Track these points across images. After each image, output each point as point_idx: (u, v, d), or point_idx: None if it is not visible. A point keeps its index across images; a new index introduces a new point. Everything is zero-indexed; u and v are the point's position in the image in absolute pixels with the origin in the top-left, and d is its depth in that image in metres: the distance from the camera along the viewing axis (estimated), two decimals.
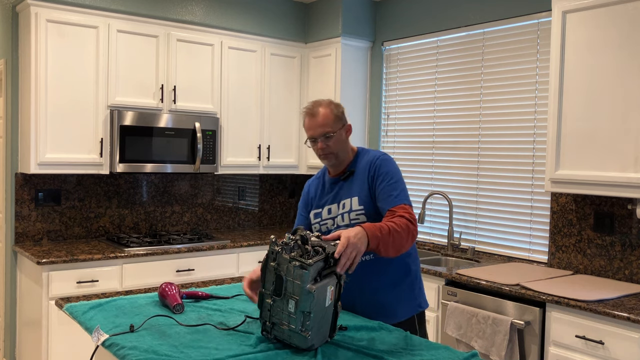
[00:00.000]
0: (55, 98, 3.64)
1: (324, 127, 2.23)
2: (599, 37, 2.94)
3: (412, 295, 2.30)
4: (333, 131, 2.23)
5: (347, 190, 2.28)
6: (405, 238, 2.03)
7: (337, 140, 2.25)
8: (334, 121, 2.24)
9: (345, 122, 2.31)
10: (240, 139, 4.45)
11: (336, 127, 2.25)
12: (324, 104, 2.27)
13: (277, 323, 1.79)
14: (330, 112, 2.24)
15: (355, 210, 2.23)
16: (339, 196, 2.30)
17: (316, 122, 2.23)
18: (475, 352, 1.79)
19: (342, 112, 2.30)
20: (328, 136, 2.23)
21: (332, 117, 2.24)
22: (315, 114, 2.24)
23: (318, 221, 2.34)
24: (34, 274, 3.53)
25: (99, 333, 1.90)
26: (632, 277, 3.12)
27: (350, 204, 2.25)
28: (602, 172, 2.92)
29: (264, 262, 1.82)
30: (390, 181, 2.19)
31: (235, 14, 4.40)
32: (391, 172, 2.22)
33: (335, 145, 2.25)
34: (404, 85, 4.49)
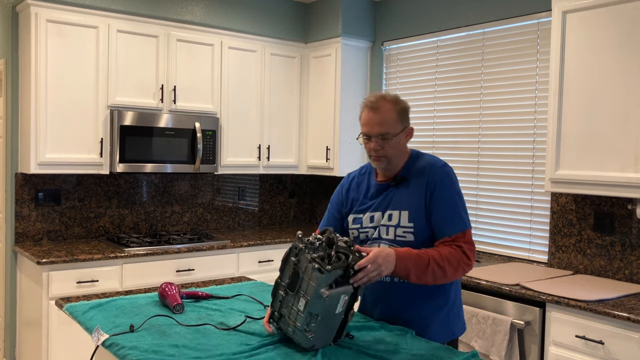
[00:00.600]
0: (55, 98, 3.64)
1: (382, 126, 1.98)
2: (599, 37, 2.94)
3: (447, 322, 2.08)
4: (393, 133, 1.99)
5: (397, 200, 2.03)
6: (450, 272, 1.89)
7: (395, 144, 2.00)
8: (395, 121, 2.00)
9: (408, 125, 2.06)
10: (240, 139, 4.45)
11: (397, 128, 2.00)
12: (389, 99, 2.02)
13: (285, 316, 1.79)
14: (393, 110, 2.00)
15: (404, 226, 2.00)
16: (385, 204, 2.05)
17: (376, 118, 1.98)
18: (475, 352, 1.79)
19: (406, 110, 2.05)
20: (385, 138, 1.98)
21: (394, 116, 2.00)
22: (377, 109, 1.99)
23: (357, 227, 2.11)
24: (34, 274, 3.53)
25: (99, 333, 1.90)
26: (632, 277, 3.12)
27: (399, 217, 2.00)
28: (602, 172, 2.92)
29: (285, 254, 1.84)
30: (452, 202, 1.98)
31: (235, 14, 4.40)
32: (453, 191, 2.00)
33: (391, 149, 2.00)
34: (404, 85, 4.49)
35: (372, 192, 2.11)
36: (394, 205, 2.03)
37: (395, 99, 2.04)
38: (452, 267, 1.90)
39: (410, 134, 2.07)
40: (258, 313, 2.18)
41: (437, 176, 2.00)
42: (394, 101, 2.02)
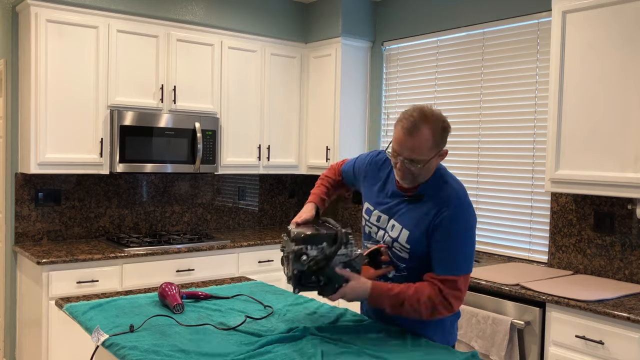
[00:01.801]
0: (55, 98, 3.64)
1: (414, 152, 1.85)
2: (599, 37, 2.94)
3: (444, 331, 2.04)
4: (424, 160, 1.86)
5: (404, 215, 1.97)
6: (426, 315, 1.88)
7: (424, 168, 1.89)
8: (430, 148, 1.85)
9: (442, 148, 1.90)
10: (240, 139, 4.45)
11: (430, 155, 1.86)
12: (430, 121, 1.85)
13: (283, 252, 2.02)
14: (430, 137, 1.84)
15: (401, 244, 1.97)
16: (393, 212, 2.01)
17: (409, 142, 1.85)
18: (475, 352, 1.79)
19: (446, 134, 1.89)
20: (415, 162, 1.86)
21: (430, 144, 1.85)
22: (413, 133, 1.84)
23: (366, 219, 2.11)
24: (34, 274, 3.53)
25: (99, 333, 1.90)
26: (632, 277, 3.12)
27: (399, 234, 1.97)
28: (602, 172, 2.92)
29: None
30: (453, 244, 1.87)
31: (235, 14, 4.40)
32: (459, 234, 1.88)
33: (418, 171, 1.89)
34: (404, 85, 4.49)
35: (387, 191, 2.06)
36: (400, 219, 1.98)
37: (436, 121, 1.87)
38: (427, 311, 1.87)
39: (443, 156, 1.93)
40: (258, 313, 2.18)
41: (449, 212, 1.88)
42: (433, 126, 1.85)
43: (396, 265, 2.00)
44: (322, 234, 1.91)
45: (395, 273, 2.01)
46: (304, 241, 1.89)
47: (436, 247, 1.89)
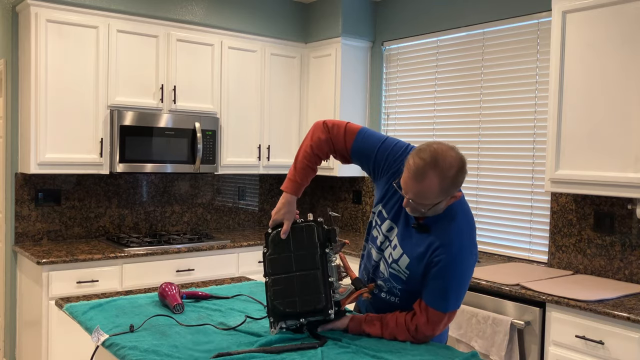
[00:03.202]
0: (55, 98, 3.64)
1: (418, 197, 1.76)
2: (599, 37, 2.94)
3: (443, 334, 2.06)
4: (430, 204, 1.78)
5: (408, 240, 1.91)
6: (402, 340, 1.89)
7: (432, 209, 1.80)
8: (436, 195, 1.75)
9: (453, 193, 1.79)
10: (240, 139, 4.45)
11: (436, 200, 1.76)
12: (440, 169, 1.72)
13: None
14: (437, 186, 1.73)
15: (400, 268, 1.92)
16: (400, 231, 1.94)
17: (415, 187, 1.75)
18: (475, 352, 1.79)
19: (454, 182, 1.75)
20: (420, 204, 1.79)
21: (436, 191, 1.74)
22: (419, 180, 1.73)
23: (378, 222, 2.02)
24: (34, 274, 3.53)
25: (99, 333, 1.90)
26: (632, 277, 3.12)
27: (399, 256, 1.92)
28: (602, 172, 2.92)
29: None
30: (447, 283, 1.82)
31: (235, 14, 4.40)
32: (455, 276, 1.82)
33: (427, 212, 1.81)
34: (404, 85, 4.49)
35: (402, 211, 1.95)
36: (403, 244, 1.92)
37: (447, 168, 1.72)
38: (402, 337, 1.90)
39: (456, 198, 1.82)
40: (258, 313, 2.18)
41: (449, 254, 1.82)
42: (443, 174, 1.72)
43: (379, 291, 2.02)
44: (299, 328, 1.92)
45: (390, 296, 2.00)
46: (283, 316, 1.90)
47: (430, 283, 1.85)
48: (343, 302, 1.93)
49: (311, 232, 1.92)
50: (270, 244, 1.95)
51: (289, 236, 1.93)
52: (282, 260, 1.92)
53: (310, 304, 1.87)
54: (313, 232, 1.92)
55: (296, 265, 1.90)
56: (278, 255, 1.93)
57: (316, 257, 1.89)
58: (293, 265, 1.90)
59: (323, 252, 1.90)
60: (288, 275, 1.90)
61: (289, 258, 1.92)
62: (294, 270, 1.90)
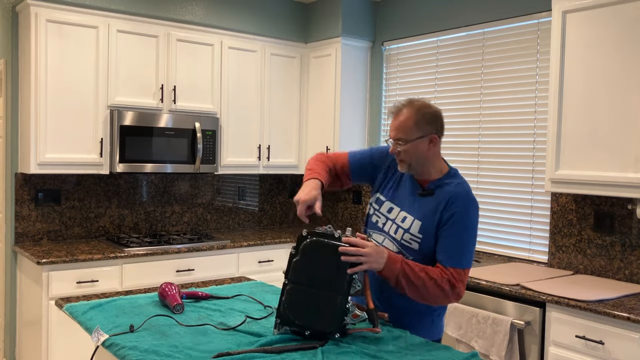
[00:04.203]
0: (55, 98, 3.64)
1: (397, 131, 2.01)
2: (599, 37, 2.94)
3: (434, 324, 2.14)
4: (406, 139, 1.99)
5: (416, 207, 2.05)
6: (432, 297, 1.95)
7: (410, 150, 2.00)
8: (410, 128, 1.99)
9: (429, 133, 2.00)
10: (240, 139, 4.45)
11: (412, 135, 1.98)
12: (413, 104, 2.02)
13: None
14: (411, 117, 1.99)
15: (412, 234, 2.03)
16: (405, 204, 2.09)
17: (394, 123, 2.02)
18: (475, 352, 1.79)
19: (429, 119, 2.00)
20: (399, 143, 2.01)
21: (411, 123, 1.99)
22: (397, 114, 2.02)
23: (376, 208, 2.15)
24: (34, 274, 3.53)
25: (99, 333, 1.90)
26: (632, 277, 3.12)
27: (410, 224, 2.04)
28: (602, 172, 2.92)
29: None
30: (460, 239, 1.97)
31: (235, 14, 4.40)
32: (467, 229, 1.98)
33: (407, 155, 2.01)
34: (404, 85, 4.49)
35: (401, 184, 2.13)
36: (411, 211, 2.06)
37: (419, 105, 2.01)
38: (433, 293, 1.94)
39: (433, 141, 2.02)
40: (258, 313, 2.18)
41: (458, 208, 1.98)
42: (416, 108, 2.00)
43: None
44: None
45: None
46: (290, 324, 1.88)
47: (445, 240, 1.98)
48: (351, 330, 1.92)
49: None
50: (301, 250, 1.90)
51: (323, 251, 1.88)
52: (308, 272, 1.89)
53: (320, 325, 1.85)
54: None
55: (321, 283, 1.86)
56: (305, 265, 1.89)
57: (344, 283, 1.86)
58: (318, 281, 1.87)
59: (351, 278, 1.87)
60: (309, 290, 1.87)
61: (316, 273, 1.88)
62: (317, 286, 1.87)
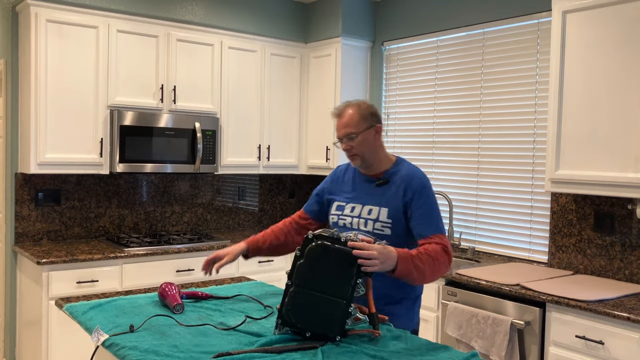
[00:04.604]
0: (55, 98, 3.64)
1: (347, 127, 2.21)
2: (599, 37, 2.94)
3: (412, 314, 2.30)
4: (356, 132, 2.20)
5: (378, 197, 2.24)
6: (436, 271, 2.06)
7: (361, 142, 2.21)
8: (358, 122, 2.21)
9: (375, 123, 2.24)
10: (240, 139, 4.45)
11: (360, 127, 2.21)
12: (352, 104, 2.25)
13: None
14: (355, 113, 2.22)
15: (382, 221, 2.20)
16: (366, 199, 2.26)
17: (341, 122, 2.22)
18: (475, 352, 1.79)
19: (371, 112, 2.24)
20: (351, 137, 2.20)
21: (357, 117, 2.21)
22: (341, 115, 2.23)
23: (338, 214, 2.31)
24: (34, 274, 3.53)
25: (99, 333, 1.90)
26: (632, 277, 3.12)
27: (378, 213, 2.21)
28: (602, 172, 2.92)
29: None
30: (428, 207, 2.17)
31: (235, 14, 4.40)
32: (430, 199, 2.19)
33: (359, 147, 2.22)
34: (404, 85, 4.49)
35: (357, 184, 2.32)
36: (375, 202, 2.23)
37: (358, 103, 2.25)
38: (438, 264, 2.06)
39: (378, 131, 2.25)
40: (258, 313, 2.18)
41: (416, 185, 2.19)
42: (357, 105, 2.24)
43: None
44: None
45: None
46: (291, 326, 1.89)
47: (417, 216, 2.16)
48: (352, 331, 1.92)
49: (352, 262, 1.89)
50: (306, 253, 1.91)
51: (328, 255, 1.90)
52: (312, 275, 1.89)
53: (322, 328, 1.85)
54: (354, 263, 1.88)
55: (325, 288, 1.87)
56: (310, 269, 1.89)
57: (348, 288, 1.87)
58: (322, 285, 1.87)
59: (355, 283, 1.88)
60: (312, 293, 1.87)
61: (321, 276, 1.88)
62: (321, 291, 1.87)
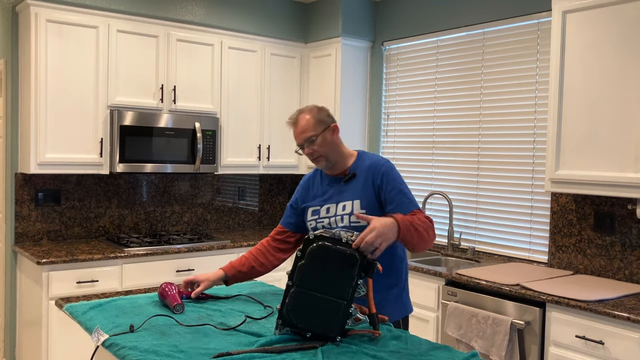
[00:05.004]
0: (55, 98, 3.64)
1: (305, 132, 2.28)
2: (599, 37, 2.94)
3: (401, 300, 2.35)
4: (315, 134, 2.27)
5: (348, 192, 2.29)
6: (428, 237, 2.13)
7: (322, 143, 2.28)
8: (314, 125, 2.28)
9: (330, 123, 2.32)
10: (240, 139, 4.45)
11: (318, 129, 2.28)
12: (305, 110, 2.33)
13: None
14: (311, 117, 2.29)
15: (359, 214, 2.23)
16: (339, 197, 2.31)
17: (298, 129, 2.29)
18: (475, 352, 1.79)
19: (325, 114, 2.33)
20: (311, 140, 2.27)
21: (312, 121, 2.29)
22: (297, 122, 2.30)
23: (315, 218, 2.34)
24: (34, 274, 3.53)
25: (99, 333, 1.90)
26: (632, 277, 3.12)
27: (351, 206, 2.26)
28: (602, 172, 2.92)
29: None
30: (400, 188, 2.24)
31: (236, 14, 4.40)
32: (399, 181, 2.26)
33: (321, 148, 2.28)
34: (404, 85, 4.49)
35: (326, 186, 2.37)
36: (346, 197, 2.29)
37: (311, 108, 2.34)
38: (430, 229, 2.14)
39: (335, 130, 2.33)
40: (258, 313, 2.18)
41: (383, 170, 2.26)
42: (310, 110, 2.32)
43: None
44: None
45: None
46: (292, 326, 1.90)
47: (393, 197, 2.22)
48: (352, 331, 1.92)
49: (353, 263, 1.89)
50: (307, 254, 1.91)
51: (329, 256, 1.90)
52: (313, 276, 1.89)
53: (323, 329, 1.85)
54: (355, 264, 1.89)
55: (325, 288, 1.87)
56: (311, 269, 1.89)
57: (348, 290, 1.87)
58: (323, 286, 1.87)
59: (356, 283, 1.88)
60: (313, 294, 1.87)
61: (322, 277, 1.88)
62: (321, 291, 1.87)
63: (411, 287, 3.40)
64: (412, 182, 4.39)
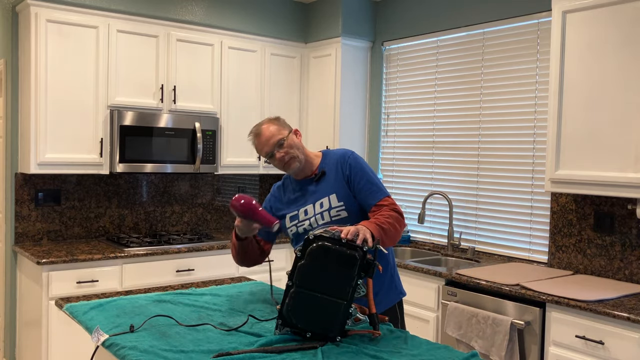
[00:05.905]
0: (55, 98, 3.64)
1: (273, 137, 2.30)
2: (599, 37, 2.94)
3: (393, 285, 2.40)
4: (283, 137, 2.30)
5: (322, 190, 2.33)
6: (399, 229, 2.19)
7: (291, 144, 2.31)
8: (279, 129, 2.32)
9: (291, 128, 2.38)
10: (240, 139, 4.45)
11: (284, 132, 2.32)
12: (264, 122, 2.36)
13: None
14: (273, 124, 2.33)
15: (335, 207, 2.29)
16: (314, 197, 2.34)
17: (264, 137, 2.31)
18: (475, 352, 1.79)
19: (281, 121, 2.38)
20: (280, 143, 2.29)
21: (275, 127, 2.32)
22: (260, 132, 2.32)
23: (295, 223, 2.36)
24: (34, 274, 3.53)
25: (99, 333, 1.90)
26: (632, 277, 3.12)
27: (329, 201, 2.30)
28: (602, 172, 2.92)
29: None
30: (368, 177, 2.30)
31: (235, 14, 4.40)
32: (365, 168, 2.32)
33: (291, 149, 2.31)
34: (404, 85, 4.49)
35: (297, 191, 2.40)
36: (321, 195, 2.32)
37: (269, 119, 2.37)
38: (398, 224, 2.19)
39: (298, 133, 2.39)
40: (258, 314, 2.18)
41: (349, 161, 2.32)
42: (268, 120, 2.36)
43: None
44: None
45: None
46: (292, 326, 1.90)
47: (363, 185, 2.28)
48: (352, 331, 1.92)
49: (353, 263, 1.88)
50: (307, 254, 1.90)
51: (329, 256, 1.90)
52: (313, 276, 1.88)
53: (323, 329, 1.85)
54: (355, 264, 1.88)
55: (325, 288, 1.87)
56: (311, 270, 1.89)
57: (348, 289, 1.87)
58: (323, 286, 1.87)
59: (356, 283, 1.88)
60: (314, 294, 1.87)
61: (322, 277, 1.88)
62: (321, 291, 1.87)
63: (411, 287, 3.40)
64: (412, 182, 4.39)
